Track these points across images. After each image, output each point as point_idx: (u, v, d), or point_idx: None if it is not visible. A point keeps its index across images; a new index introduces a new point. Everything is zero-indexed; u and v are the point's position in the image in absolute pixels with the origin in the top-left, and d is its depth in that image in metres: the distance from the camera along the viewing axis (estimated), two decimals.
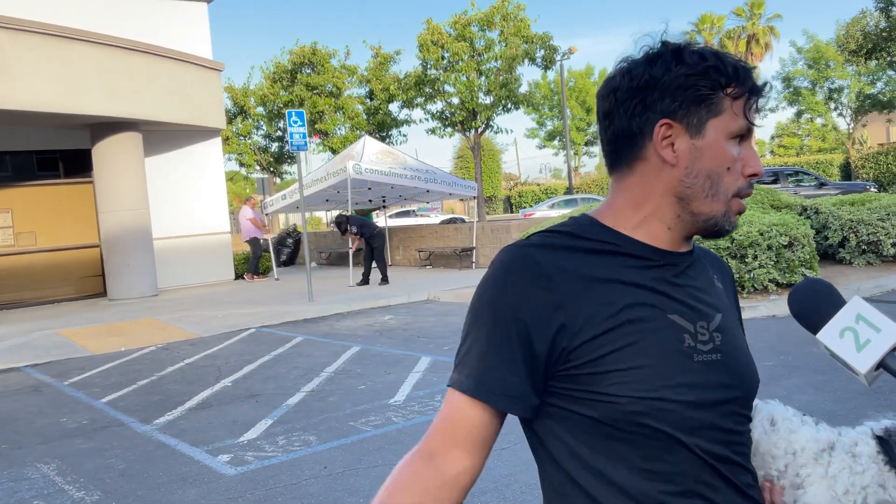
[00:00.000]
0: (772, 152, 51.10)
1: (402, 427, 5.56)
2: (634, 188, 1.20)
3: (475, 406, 1.13)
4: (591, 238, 1.18)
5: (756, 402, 1.27)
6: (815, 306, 1.20)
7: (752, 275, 9.40)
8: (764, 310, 8.89)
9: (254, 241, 17.88)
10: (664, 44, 1.17)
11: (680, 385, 1.11)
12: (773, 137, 52.91)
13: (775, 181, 20.39)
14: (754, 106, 1.16)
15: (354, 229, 14.53)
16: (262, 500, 4.39)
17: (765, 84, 1.18)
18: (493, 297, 1.13)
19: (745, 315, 9.01)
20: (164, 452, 5.40)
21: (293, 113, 12.62)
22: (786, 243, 9.54)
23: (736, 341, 1.22)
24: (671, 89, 1.14)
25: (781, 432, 1.25)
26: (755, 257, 9.43)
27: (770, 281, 9.47)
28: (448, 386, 1.18)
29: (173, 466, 5.08)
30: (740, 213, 1.19)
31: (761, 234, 9.47)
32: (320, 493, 4.42)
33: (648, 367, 1.10)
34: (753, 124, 1.16)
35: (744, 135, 1.16)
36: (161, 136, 16.65)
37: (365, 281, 14.57)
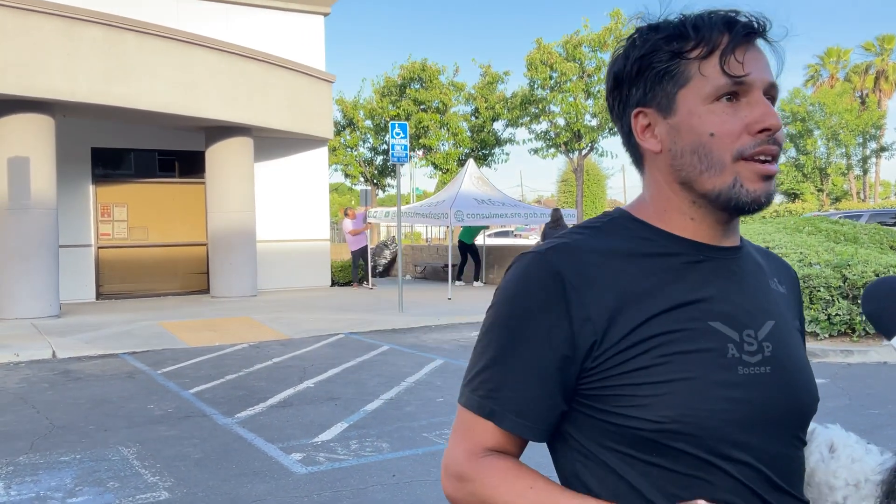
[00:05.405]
0: None
1: None
2: (649, 185, 1.11)
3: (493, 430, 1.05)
4: (622, 236, 1.07)
5: (813, 425, 1.12)
6: (891, 307, 1.05)
7: (865, 317, 8.82)
8: (875, 355, 8.31)
9: (353, 252, 18.18)
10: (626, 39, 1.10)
11: (720, 401, 0.98)
12: None
13: None
14: (731, 57, 1.00)
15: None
16: (328, 501, 4.36)
17: (745, 25, 1.02)
18: (511, 313, 1.03)
19: (852, 360, 8.41)
20: (240, 446, 5.47)
21: (396, 125, 12.78)
22: None
23: (791, 352, 1.07)
24: (633, 78, 1.06)
25: (842, 460, 1.09)
26: None
27: None
28: (459, 403, 1.09)
29: (247, 461, 5.13)
30: (766, 176, 1.02)
31: (877, 276, 8.89)
32: (386, 501, 4.35)
33: (684, 381, 0.97)
34: (734, 77, 1.00)
35: (735, 91, 1.02)
36: (271, 143, 17.17)
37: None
